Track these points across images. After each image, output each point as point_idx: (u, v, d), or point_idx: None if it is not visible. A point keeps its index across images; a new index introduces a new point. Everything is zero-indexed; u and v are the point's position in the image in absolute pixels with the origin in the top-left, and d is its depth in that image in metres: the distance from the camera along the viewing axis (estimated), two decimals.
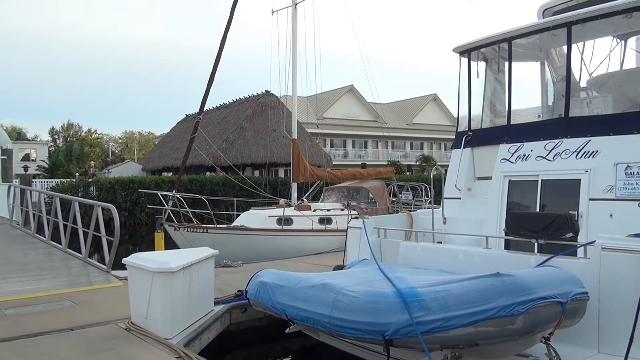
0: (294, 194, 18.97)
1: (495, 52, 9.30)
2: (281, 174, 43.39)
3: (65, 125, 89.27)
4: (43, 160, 50.23)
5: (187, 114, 55.28)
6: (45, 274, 10.28)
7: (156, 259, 6.71)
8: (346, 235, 8.66)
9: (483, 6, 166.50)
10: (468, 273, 5.73)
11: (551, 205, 7.63)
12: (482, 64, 9.60)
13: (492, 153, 8.75)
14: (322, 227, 16.52)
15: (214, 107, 49.02)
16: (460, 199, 9.20)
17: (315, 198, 21.25)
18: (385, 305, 4.89)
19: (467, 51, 9.46)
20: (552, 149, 7.85)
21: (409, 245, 7.60)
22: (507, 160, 8.41)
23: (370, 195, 18.76)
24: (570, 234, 6.09)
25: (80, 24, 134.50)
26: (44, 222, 15.12)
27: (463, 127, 9.68)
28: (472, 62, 9.49)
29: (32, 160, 56.90)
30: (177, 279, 6.52)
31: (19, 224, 18.24)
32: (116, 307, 7.57)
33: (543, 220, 6.29)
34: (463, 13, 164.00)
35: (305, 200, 19.00)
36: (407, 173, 52.40)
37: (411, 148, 66.53)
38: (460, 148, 9.39)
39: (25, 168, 39.30)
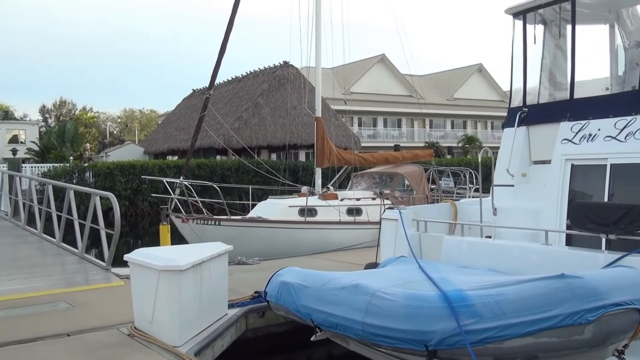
0: (318, 181, 18.94)
1: (555, 13, 9.13)
2: (302, 157, 43.44)
3: (58, 103, 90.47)
4: (33, 142, 51.01)
5: (195, 89, 55.67)
6: (37, 271, 10.44)
7: (162, 255, 6.73)
8: (380, 229, 8.65)
9: None
10: (524, 273, 5.69)
11: (622, 194, 7.47)
12: (540, 28, 9.45)
13: (552, 132, 8.61)
14: (350, 218, 16.49)
15: (225, 81, 49.26)
16: (513, 186, 9.09)
17: (342, 185, 21.20)
18: (428, 311, 4.85)
19: (523, 12, 9.30)
20: (624, 127, 7.67)
21: (453, 240, 7.54)
22: (570, 141, 8.26)
23: (406, 182, 18.64)
24: None
25: None
26: (36, 213, 15.36)
27: (517, 102, 9.54)
28: (528, 26, 9.34)
29: (21, 142, 57.91)
30: (186, 278, 6.53)
31: (7, 215, 18.58)
32: (117, 309, 7.64)
33: (614, 211, 6.16)
34: None
35: (331, 188, 18.93)
36: (448, 156, 52.11)
37: (452, 127, 66.04)
38: (513, 127, 9.28)
39: (14, 151, 40.06)
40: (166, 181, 17.26)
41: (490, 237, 8.29)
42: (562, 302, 4.48)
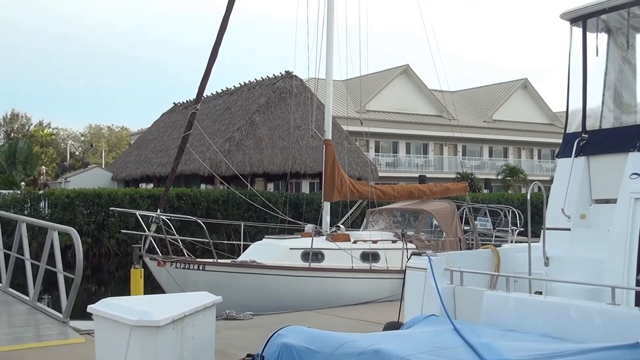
0: (326, 218, 18.92)
1: (622, 19, 9.17)
2: (306, 188, 43.57)
3: (8, 117, 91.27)
4: None
5: (176, 102, 56.07)
6: None
7: (135, 307, 6.70)
8: (404, 279, 8.57)
9: None
10: (585, 340, 5.64)
11: None
12: (604, 37, 9.49)
13: (618, 165, 8.58)
14: (365, 265, 16.44)
15: (214, 93, 49.60)
16: (569, 230, 9.04)
17: (355, 224, 21.14)
18: None
19: (582, 18, 9.35)
20: None
21: (496, 295, 7.46)
22: None
23: (435, 221, 18.62)
24: None
25: None
26: None
27: (574, 126, 9.54)
28: (588, 34, 9.37)
29: None
30: (164, 336, 6.50)
31: None
32: None
33: None
34: None
35: (341, 227, 18.92)
36: (485, 191, 52.10)
37: (490, 155, 66.20)
38: (570, 157, 9.25)
39: None
40: (139, 214, 17.25)
41: (541, 292, 8.22)
42: None
